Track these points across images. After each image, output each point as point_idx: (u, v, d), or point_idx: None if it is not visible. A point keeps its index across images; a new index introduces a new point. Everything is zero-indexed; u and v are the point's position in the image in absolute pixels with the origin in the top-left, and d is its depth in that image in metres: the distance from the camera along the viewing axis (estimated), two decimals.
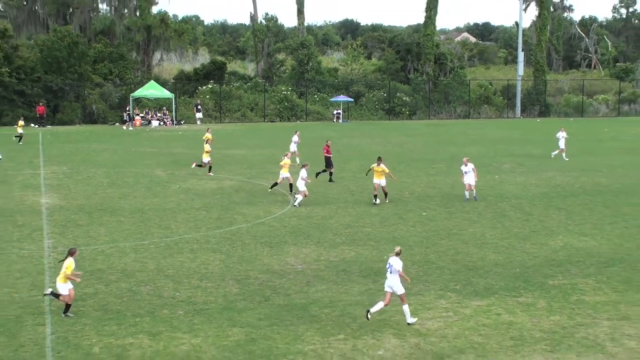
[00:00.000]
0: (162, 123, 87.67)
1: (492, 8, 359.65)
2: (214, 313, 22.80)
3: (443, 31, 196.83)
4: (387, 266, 22.22)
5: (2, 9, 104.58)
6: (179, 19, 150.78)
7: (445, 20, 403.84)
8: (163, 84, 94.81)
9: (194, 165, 50.61)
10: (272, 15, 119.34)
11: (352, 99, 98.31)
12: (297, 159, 52.08)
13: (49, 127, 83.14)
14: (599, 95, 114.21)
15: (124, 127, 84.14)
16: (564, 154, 57.15)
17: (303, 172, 39.20)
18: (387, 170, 38.44)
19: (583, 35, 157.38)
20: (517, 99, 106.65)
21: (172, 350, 20.01)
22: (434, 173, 50.88)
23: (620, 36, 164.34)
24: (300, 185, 39.04)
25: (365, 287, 25.36)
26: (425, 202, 40.44)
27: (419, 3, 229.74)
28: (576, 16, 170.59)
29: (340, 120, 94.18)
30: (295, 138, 55.12)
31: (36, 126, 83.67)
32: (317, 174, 47.02)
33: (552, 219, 36.54)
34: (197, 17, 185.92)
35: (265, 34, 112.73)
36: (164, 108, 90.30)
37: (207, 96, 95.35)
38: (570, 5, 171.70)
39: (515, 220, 36.30)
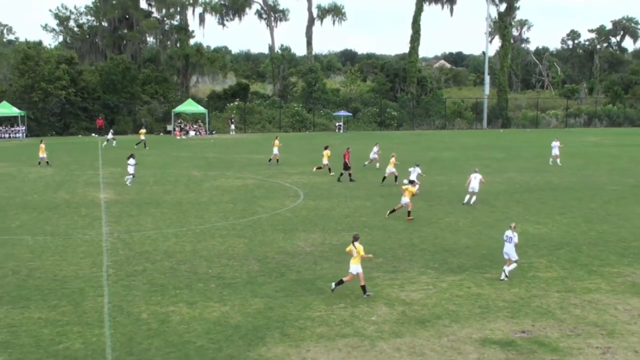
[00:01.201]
0: (197, 133, 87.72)
1: (464, 40, 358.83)
2: (239, 286, 22.78)
3: (424, 59, 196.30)
4: (506, 238, 23.69)
5: (69, 41, 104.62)
6: (212, 49, 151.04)
7: (426, 50, 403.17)
8: (198, 101, 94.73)
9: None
10: (286, 46, 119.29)
11: (350, 114, 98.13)
12: (377, 164, 52.12)
13: (108, 137, 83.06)
14: (550, 110, 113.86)
15: (179, 137, 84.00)
16: (558, 160, 56.14)
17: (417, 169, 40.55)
18: (413, 191, 34.55)
19: (537, 62, 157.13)
20: (484, 113, 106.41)
21: (206, 316, 20.00)
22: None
23: (567, 63, 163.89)
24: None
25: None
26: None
27: (405, 36, 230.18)
28: (532, 46, 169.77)
29: (341, 131, 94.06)
30: (375, 149, 53.51)
31: (96, 136, 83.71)
32: (338, 179, 46.33)
33: (513, 210, 36.45)
34: (226, 47, 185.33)
35: (280, 61, 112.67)
36: (199, 121, 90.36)
37: (234, 111, 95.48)
38: (527, 38, 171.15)
39: (483, 211, 36.21)
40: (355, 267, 21.58)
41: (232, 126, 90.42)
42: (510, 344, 18.08)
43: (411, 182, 34.80)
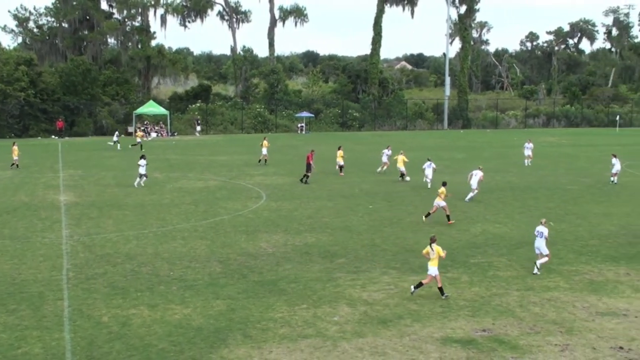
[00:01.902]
0: (159, 135, 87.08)
1: (424, 41, 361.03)
2: (201, 288, 22.63)
3: (385, 60, 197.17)
4: (536, 233, 24.68)
5: (28, 42, 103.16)
6: (173, 50, 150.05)
7: (388, 51, 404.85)
8: (160, 103, 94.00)
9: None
10: (248, 48, 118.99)
11: (313, 115, 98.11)
12: (385, 167, 51.52)
13: (66, 138, 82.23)
14: (510, 111, 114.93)
15: (145, 139, 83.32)
16: (530, 161, 56.53)
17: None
18: (445, 192, 34.08)
19: (497, 63, 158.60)
20: (444, 114, 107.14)
21: (167, 318, 19.83)
22: (379, 174, 50.89)
23: (526, 64, 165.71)
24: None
25: (323, 266, 25.31)
26: (372, 197, 40.47)
27: (367, 37, 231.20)
28: (491, 48, 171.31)
29: (304, 132, 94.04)
30: (387, 151, 52.48)
31: (56, 138, 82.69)
32: (301, 180, 46.20)
33: (473, 210, 36.70)
34: (187, 49, 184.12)
35: (243, 63, 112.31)
36: (161, 123, 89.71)
37: (196, 112, 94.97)
38: (487, 40, 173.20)
39: (442, 210, 36.37)
40: (433, 269, 21.57)
41: (198, 127, 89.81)
42: (470, 343, 18.19)
43: (444, 184, 34.63)
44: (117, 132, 75.00)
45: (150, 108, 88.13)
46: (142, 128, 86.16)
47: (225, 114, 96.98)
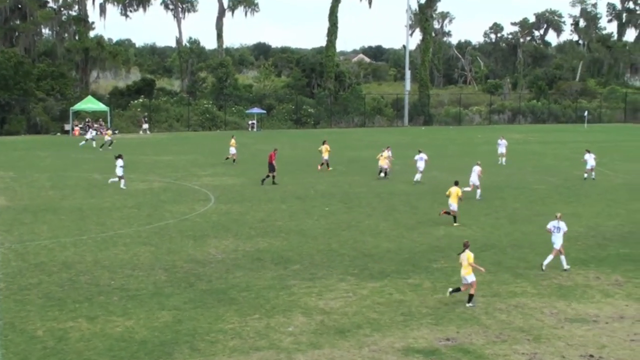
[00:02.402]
0: (99, 133, 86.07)
1: (383, 33, 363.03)
2: (144, 298, 22.41)
3: (342, 53, 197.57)
4: (552, 228, 25.49)
5: None
6: (114, 42, 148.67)
7: (344, 44, 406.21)
8: (99, 98, 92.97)
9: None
10: (195, 39, 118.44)
11: (264, 111, 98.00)
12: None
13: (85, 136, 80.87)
14: (473, 106, 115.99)
15: (87, 137, 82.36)
16: (504, 159, 57.11)
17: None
18: (460, 194, 34.34)
19: (460, 56, 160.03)
20: (405, 110, 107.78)
21: (108, 331, 19.59)
22: (336, 174, 50.99)
23: (490, 57, 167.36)
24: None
25: (276, 273, 25.25)
26: (328, 199, 40.51)
27: (322, 28, 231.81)
28: (454, 40, 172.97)
29: (255, 129, 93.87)
30: (386, 153, 51.69)
31: None
32: (262, 181, 46.16)
33: (436, 212, 36.88)
34: (129, 40, 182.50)
35: (189, 55, 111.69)
36: (100, 120, 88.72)
37: (139, 109, 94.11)
38: (449, 31, 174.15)
39: (404, 213, 36.61)
40: (469, 276, 21.73)
41: (145, 125, 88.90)
42: (434, 353, 18.27)
43: (456, 183, 34.78)
44: (90, 130, 74.27)
45: (89, 104, 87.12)
46: (109, 126, 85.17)
47: (170, 110, 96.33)
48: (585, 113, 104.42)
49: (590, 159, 48.80)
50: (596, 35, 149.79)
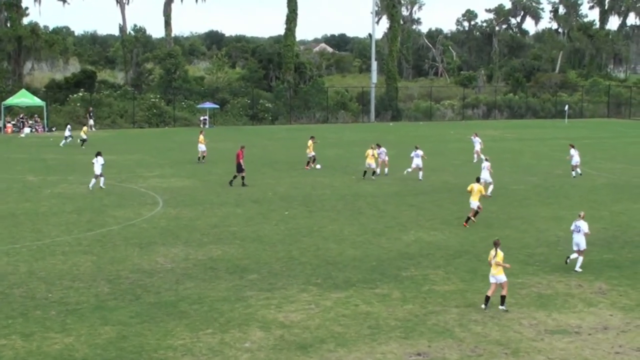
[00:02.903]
0: (33, 130, 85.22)
1: (347, 20, 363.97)
2: (86, 312, 22.24)
3: (302, 42, 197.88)
4: (575, 228, 27.13)
5: None
6: (50, 29, 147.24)
7: (304, 32, 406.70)
8: (34, 92, 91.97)
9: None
10: (140, 27, 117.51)
11: (217, 106, 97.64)
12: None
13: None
14: (445, 100, 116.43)
15: (22, 135, 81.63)
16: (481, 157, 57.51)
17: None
18: (483, 191, 35.94)
19: (430, 45, 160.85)
20: (371, 104, 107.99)
21: (45, 349, 19.40)
22: (296, 175, 51.02)
23: (463, 47, 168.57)
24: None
25: (232, 284, 25.20)
26: (287, 202, 40.52)
27: (280, 16, 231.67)
28: (424, 28, 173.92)
29: (207, 126, 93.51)
30: (381, 150, 51.95)
31: None
32: (230, 183, 46.31)
33: (405, 215, 37.11)
34: (67, 28, 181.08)
35: (134, 45, 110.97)
36: (36, 116, 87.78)
37: (78, 104, 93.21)
38: (419, 18, 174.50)
39: (371, 217, 36.73)
40: (500, 276, 22.63)
41: (91, 121, 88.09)
42: None
43: (478, 180, 35.76)
44: (69, 127, 73.64)
45: (23, 98, 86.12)
46: (89, 122, 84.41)
47: (114, 105, 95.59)
48: (566, 107, 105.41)
49: (576, 155, 49.89)
50: (577, 24, 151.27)
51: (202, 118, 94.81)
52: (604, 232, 33.62)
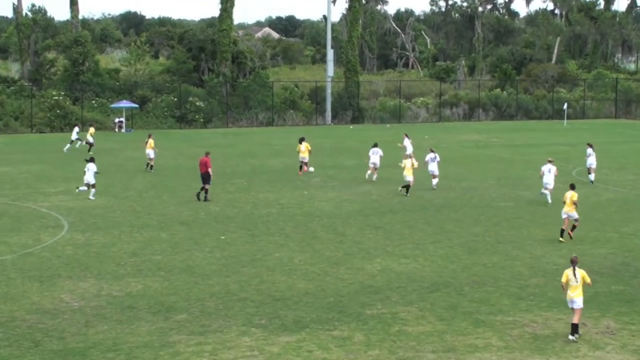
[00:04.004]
0: None
1: (296, 0, 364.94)
2: None
3: (241, 26, 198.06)
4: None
5: None
6: None
7: (244, 14, 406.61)
8: None
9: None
10: (39, 7, 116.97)
11: (136, 105, 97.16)
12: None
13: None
14: (418, 98, 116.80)
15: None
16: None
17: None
18: (575, 199, 37.04)
19: (399, 30, 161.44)
20: (327, 103, 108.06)
21: None
22: (234, 190, 50.92)
23: (439, 32, 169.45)
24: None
25: (155, 326, 25.05)
26: (224, 224, 40.40)
27: None
28: (391, 9, 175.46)
29: (123, 130, 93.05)
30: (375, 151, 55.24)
31: None
32: (198, 196, 47.04)
33: (369, 239, 37.15)
34: None
35: (31, 29, 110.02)
36: None
37: None
38: None
39: (327, 242, 36.72)
40: (579, 300, 23.40)
41: None
42: None
43: (572, 187, 37.25)
44: (76, 129, 74.44)
45: None
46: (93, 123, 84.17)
47: (7, 104, 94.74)
48: (565, 106, 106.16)
49: (593, 155, 50.93)
50: (577, 4, 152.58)
51: (117, 120, 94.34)
52: (611, 259, 33.95)
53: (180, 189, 50.66)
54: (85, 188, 47.59)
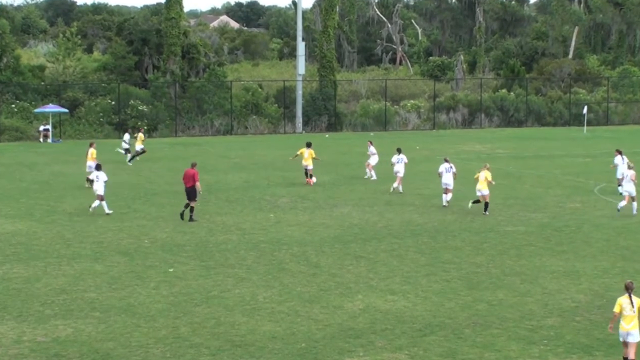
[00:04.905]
0: None
1: None
2: None
3: (193, 14, 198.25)
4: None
5: None
6: None
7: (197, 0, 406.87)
8: None
9: None
10: None
11: (66, 110, 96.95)
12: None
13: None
14: (408, 100, 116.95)
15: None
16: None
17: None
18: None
19: (384, 19, 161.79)
20: (297, 106, 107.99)
21: None
22: (186, 211, 50.81)
23: (433, 21, 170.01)
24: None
25: None
26: (173, 254, 40.28)
27: None
28: None
29: (50, 140, 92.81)
30: (370, 148, 59.54)
31: None
32: (181, 215, 48.32)
33: (349, 271, 37.09)
34: None
35: None
36: None
37: None
38: None
39: (298, 275, 36.65)
40: (635, 332, 23.65)
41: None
42: None
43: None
44: (128, 133, 76.75)
45: None
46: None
47: None
48: (584, 110, 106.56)
49: (623, 165, 51.50)
50: None
51: (42, 128, 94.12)
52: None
53: (119, 210, 50.51)
54: (97, 203, 49.24)
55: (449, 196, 51.91)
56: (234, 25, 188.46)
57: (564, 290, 34.48)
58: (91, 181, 57.86)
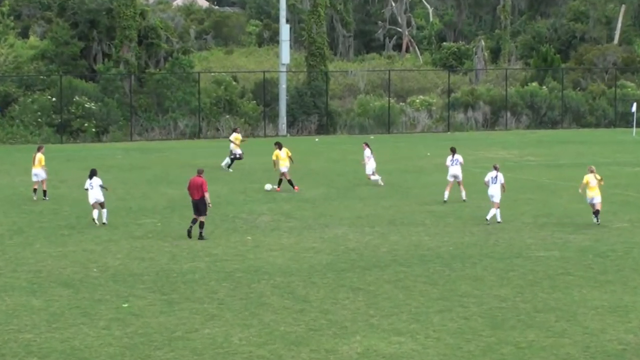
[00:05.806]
0: None
1: None
2: None
3: None
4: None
5: None
6: None
7: None
8: None
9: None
10: None
11: None
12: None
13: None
14: (416, 97, 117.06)
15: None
16: (464, 194, 58.80)
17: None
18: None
19: None
20: (280, 103, 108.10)
21: None
22: (141, 235, 50.82)
23: (447, 0, 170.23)
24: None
25: None
26: (127, 286, 40.28)
27: None
28: None
29: None
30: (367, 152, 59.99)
31: None
32: (189, 232, 49.46)
33: (344, 307, 37.12)
34: None
35: None
36: None
37: None
38: None
39: (282, 311, 36.65)
40: None
41: None
42: None
43: None
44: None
45: None
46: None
47: None
48: (633, 107, 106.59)
49: None
50: None
51: None
52: None
53: (60, 231, 50.49)
54: (97, 213, 52.33)
55: (494, 211, 52.06)
56: (203, 3, 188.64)
57: (608, 329, 34.48)
58: (44, 192, 58.26)
